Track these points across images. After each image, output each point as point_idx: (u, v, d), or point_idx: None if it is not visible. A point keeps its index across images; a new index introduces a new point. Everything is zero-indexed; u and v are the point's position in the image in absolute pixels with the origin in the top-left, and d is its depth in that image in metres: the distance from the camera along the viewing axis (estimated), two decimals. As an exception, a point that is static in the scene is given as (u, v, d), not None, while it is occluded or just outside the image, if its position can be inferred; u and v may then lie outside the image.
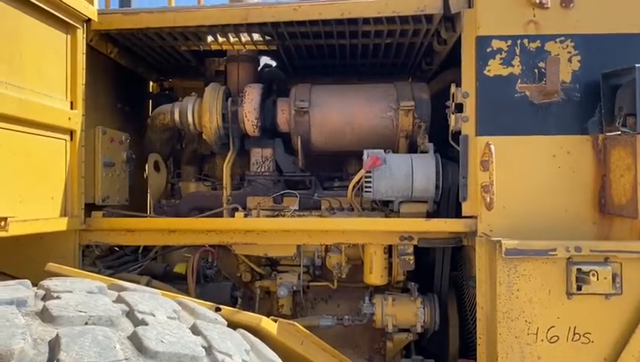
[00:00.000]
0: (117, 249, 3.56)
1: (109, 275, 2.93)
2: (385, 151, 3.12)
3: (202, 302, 2.30)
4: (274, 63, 4.08)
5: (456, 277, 3.48)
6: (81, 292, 1.88)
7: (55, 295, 1.79)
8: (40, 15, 2.65)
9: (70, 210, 2.89)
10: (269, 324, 2.39)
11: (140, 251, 3.51)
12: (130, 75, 3.88)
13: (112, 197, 3.28)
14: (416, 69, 4.05)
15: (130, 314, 1.77)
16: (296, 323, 2.54)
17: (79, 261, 3.06)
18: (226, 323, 2.09)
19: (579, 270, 2.49)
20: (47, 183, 2.73)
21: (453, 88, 2.88)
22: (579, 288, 2.50)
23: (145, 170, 3.83)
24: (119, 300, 1.87)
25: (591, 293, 2.50)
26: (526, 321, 2.55)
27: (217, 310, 2.26)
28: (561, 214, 2.69)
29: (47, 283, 1.95)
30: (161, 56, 3.84)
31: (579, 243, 2.49)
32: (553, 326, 2.55)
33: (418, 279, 3.34)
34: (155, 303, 1.93)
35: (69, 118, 2.87)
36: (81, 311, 1.66)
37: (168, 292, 2.36)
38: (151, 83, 4.35)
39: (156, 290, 2.23)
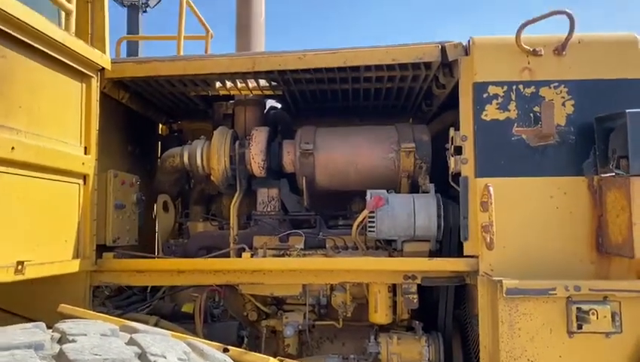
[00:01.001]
0: (126, 289, 3.63)
1: (119, 315, 2.99)
2: (387, 191, 3.22)
3: (211, 342, 2.36)
4: (279, 105, 4.22)
5: (459, 315, 3.52)
6: (95, 335, 1.95)
7: (70, 338, 1.86)
8: (58, 66, 2.79)
9: (82, 251, 2.97)
10: (276, 365, 2.44)
11: (148, 291, 3.58)
12: (141, 118, 4.03)
13: (122, 238, 3.38)
14: (416, 110, 4.18)
15: (142, 357, 1.83)
16: (302, 364, 2.58)
17: (90, 301, 3.13)
18: (235, 364, 2.14)
19: (579, 309, 2.54)
20: (60, 226, 2.83)
21: (452, 132, 2.99)
22: (579, 327, 2.54)
23: (154, 210, 3.93)
24: (132, 342, 1.94)
25: (591, 332, 2.54)
26: (528, 360, 2.59)
27: (225, 351, 2.32)
28: (561, 253, 2.76)
29: (62, 326, 2.02)
30: (170, 100, 3.99)
31: (578, 283, 2.55)
32: (556, 365, 2.58)
33: (422, 317, 3.39)
34: (165, 345, 2.00)
35: (83, 163, 2.98)
36: (96, 355, 1.73)
37: (178, 333, 2.42)
38: (160, 125, 4.48)
39: (166, 331, 2.30)
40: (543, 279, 2.63)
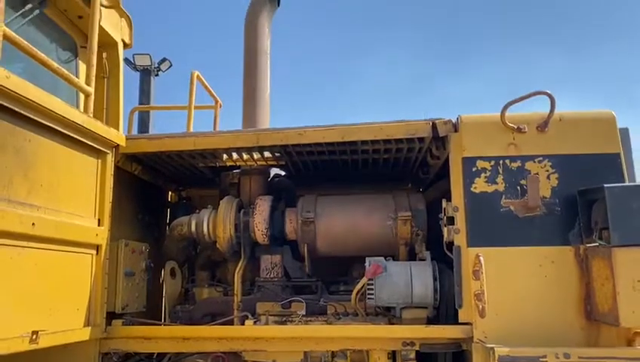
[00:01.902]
0: (133, 354, 3.71)
1: (126, 382, 3.08)
2: (386, 258, 3.36)
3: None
4: (283, 173, 4.43)
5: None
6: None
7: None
8: (77, 146, 3.02)
9: (93, 319, 3.10)
10: None
11: (154, 356, 3.67)
12: (151, 187, 4.24)
13: (130, 304, 3.51)
14: (414, 177, 4.37)
15: None
16: None
17: (98, 368, 3.23)
18: None
19: (570, 376, 2.61)
20: (73, 295, 2.97)
21: (444, 203, 3.16)
22: (571, 394, 2.61)
23: (161, 276, 4.07)
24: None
25: (583, 400, 2.61)
26: None
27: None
28: (551, 321, 2.87)
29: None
30: (179, 171, 4.22)
31: (568, 350, 2.64)
32: None
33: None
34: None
35: (97, 234, 3.16)
36: None
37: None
38: (169, 193, 4.69)
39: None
40: (535, 346, 2.72)
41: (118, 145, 3.40)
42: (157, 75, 16.19)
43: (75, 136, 2.97)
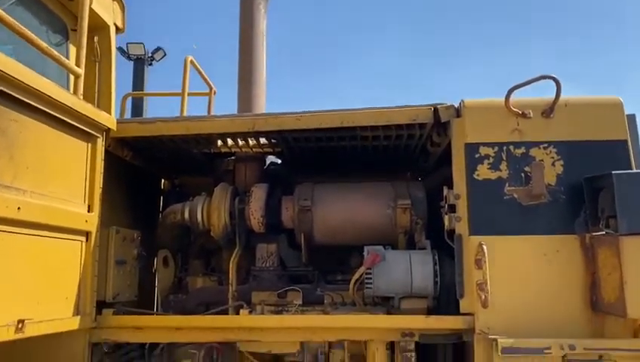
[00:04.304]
0: (124, 344, 3.61)
1: (116, 373, 2.99)
2: (384, 247, 3.27)
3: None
4: (279, 161, 4.33)
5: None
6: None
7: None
8: (66, 128, 2.90)
9: (82, 308, 3.00)
10: None
11: (146, 347, 3.57)
12: (143, 173, 4.12)
13: (122, 293, 3.41)
14: (413, 165, 4.28)
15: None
16: None
17: (88, 358, 3.13)
18: None
19: (575, 368, 2.54)
20: (62, 283, 2.87)
21: (445, 190, 3.07)
22: (576, 387, 2.54)
23: (154, 265, 3.97)
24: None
25: (588, 393, 2.54)
26: (526, 420, 2.58)
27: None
28: (555, 311, 2.79)
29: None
30: (172, 156, 4.10)
31: (573, 342, 2.57)
32: None
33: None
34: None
35: (86, 221, 3.05)
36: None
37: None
38: (162, 180, 4.58)
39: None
40: (538, 337, 2.65)
41: (108, 128, 3.29)
42: (151, 64, 16.01)
43: (64, 118, 2.86)
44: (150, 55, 15.75)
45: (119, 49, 14.58)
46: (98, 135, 3.20)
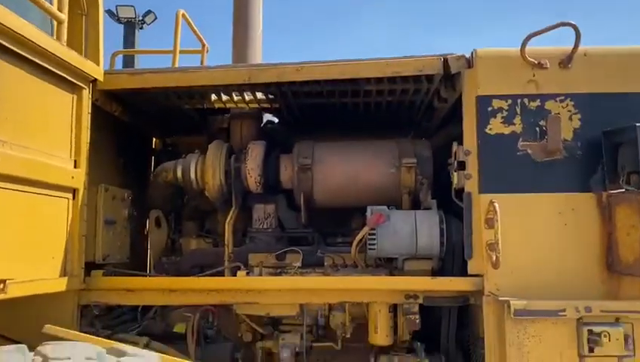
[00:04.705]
0: (115, 307, 3.48)
1: (107, 336, 2.86)
2: (388, 207, 3.12)
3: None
4: (277, 120, 4.13)
5: (463, 336, 3.39)
6: (79, 358, 1.84)
7: (53, 362, 1.74)
8: (48, 77, 2.70)
9: (70, 269, 2.84)
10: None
11: (139, 310, 3.44)
12: (134, 131, 3.92)
13: (112, 255, 3.25)
14: (417, 124, 4.09)
15: (129, 384, 1.71)
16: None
17: (77, 321, 2.99)
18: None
19: (590, 331, 2.43)
20: (47, 243, 2.71)
21: (455, 146, 2.90)
22: (591, 350, 2.44)
23: (146, 226, 3.81)
24: (119, 367, 1.82)
25: (604, 355, 2.43)
26: (537, 385, 2.47)
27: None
28: (569, 273, 2.66)
29: (44, 349, 1.90)
30: (164, 113, 3.89)
31: (589, 303, 2.45)
32: (566, 391, 2.46)
33: (424, 338, 3.25)
34: (155, 370, 1.88)
35: (72, 177, 2.87)
36: (79, 381, 1.61)
37: (169, 356, 2.29)
38: (154, 139, 4.38)
39: (157, 354, 2.17)
40: (551, 299, 2.52)
41: (95, 79, 3.08)
42: (141, 27, 15.57)
43: (46, 66, 2.65)
44: (141, 18, 15.31)
45: (108, 11, 14.15)
46: (84, 86, 2.99)
